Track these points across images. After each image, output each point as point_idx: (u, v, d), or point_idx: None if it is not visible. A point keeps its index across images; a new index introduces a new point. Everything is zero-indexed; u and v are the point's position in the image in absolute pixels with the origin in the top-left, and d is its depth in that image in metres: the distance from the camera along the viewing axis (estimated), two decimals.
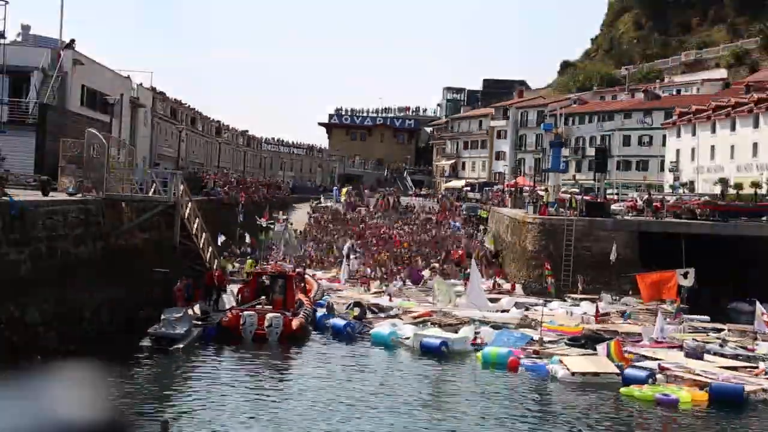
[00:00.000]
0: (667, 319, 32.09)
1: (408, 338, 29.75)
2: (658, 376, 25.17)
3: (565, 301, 39.19)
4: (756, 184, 54.72)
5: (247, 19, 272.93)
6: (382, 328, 31.20)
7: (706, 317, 36.25)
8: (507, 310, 36.22)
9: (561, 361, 26.28)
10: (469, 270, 39.76)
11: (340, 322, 31.86)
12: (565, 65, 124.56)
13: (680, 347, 28.59)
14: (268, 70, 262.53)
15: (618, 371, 25.42)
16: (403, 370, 26.57)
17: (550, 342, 29.40)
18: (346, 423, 20.13)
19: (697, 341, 28.89)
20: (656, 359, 26.83)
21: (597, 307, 35.48)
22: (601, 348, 27.10)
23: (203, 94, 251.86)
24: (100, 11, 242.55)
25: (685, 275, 33.87)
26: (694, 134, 68.35)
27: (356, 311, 33.90)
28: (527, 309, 35.97)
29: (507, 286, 43.38)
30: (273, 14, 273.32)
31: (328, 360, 27.53)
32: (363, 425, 20.10)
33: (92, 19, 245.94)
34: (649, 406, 22.93)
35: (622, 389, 24.08)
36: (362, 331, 31.43)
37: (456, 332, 30.60)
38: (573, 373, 25.31)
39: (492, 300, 37.45)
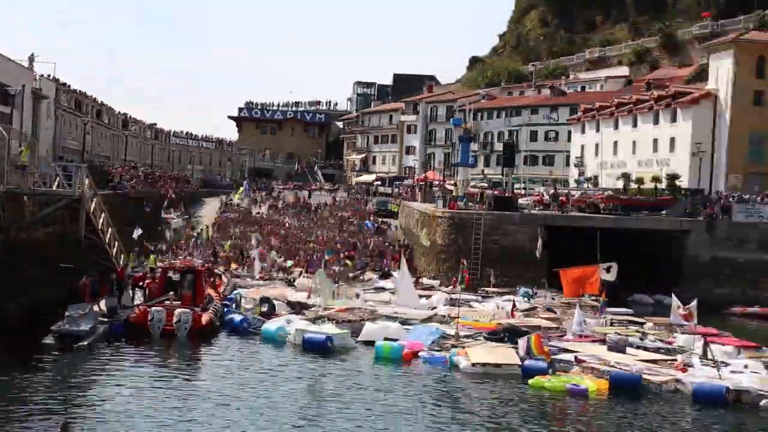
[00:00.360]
0: (585, 313, 32.38)
1: (291, 334, 29.59)
2: (575, 368, 25.63)
3: (478, 294, 39.46)
4: (656, 179, 56.44)
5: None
6: (270, 324, 30.74)
7: (630, 310, 36.97)
8: (435, 308, 35.54)
9: (466, 353, 26.52)
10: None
11: (237, 317, 31.65)
12: (474, 61, 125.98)
13: (603, 341, 29.05)
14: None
15: (519, 362, 25.81)
16: (289, 366, 26.33)
17: (466, 337, 29.47)
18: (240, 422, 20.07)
19: (620, 335, 29.38)
20: (575, 352, 27.24)
21: (513, 302, 35.67)
22: (522, 342, 27.15)
23: (203, 93, 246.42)
24: (100, 11, 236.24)
25: (608, 269, 33.79)
26: (597, 130, 70.06)
27: (264, 307, 33.63)
28: (463, 305, 35.12)
29: (431, 281, 42.98)
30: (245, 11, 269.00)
31: (225, 356, 27.31)
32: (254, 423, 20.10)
33: (92, 19, 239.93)
34: (559, 396, 23.35)
35: (531, 380, 24.39)
36: (259, 327, 30.99)
37: (359, 329, 30.35)
38: (473, 364, 25.59)
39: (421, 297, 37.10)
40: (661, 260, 44.66)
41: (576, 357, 26.58)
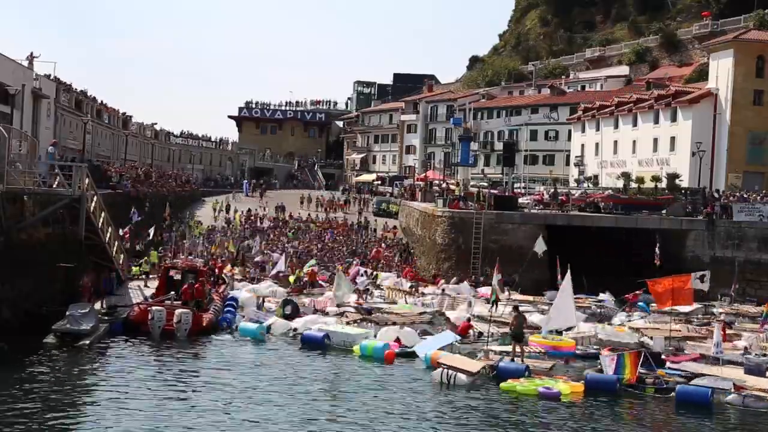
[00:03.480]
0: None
1: (293, 331, 30.38)
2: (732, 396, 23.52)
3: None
4: (656, 179, 56.53)
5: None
6: (248, 323, 31.10)
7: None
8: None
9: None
10: None
11: (230, 315, 32.27)
12: (474, 60, 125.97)
13: (695, 359, 27.08)
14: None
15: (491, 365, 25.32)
16: (280, 363, 26.68)
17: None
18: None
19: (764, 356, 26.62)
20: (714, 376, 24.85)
21: (724, 322, 31.63)
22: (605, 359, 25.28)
23: (203, 93, 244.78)
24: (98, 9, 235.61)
25: (701, 279, 31.18)
26: (598, 129, 70.11)
27: (287, 309, 33.79)
28: (603, 321, 32.86)
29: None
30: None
31: (226, 354, 27.47)
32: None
33: (91, 16, 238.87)
34: (532, 400, 22.93)
35: (503, 384, 23.92)
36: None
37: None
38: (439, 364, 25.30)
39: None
40: (661, 259, 44.64)
41: (734, 384, 24.04)
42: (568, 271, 28.94)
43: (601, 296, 40.02)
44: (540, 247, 37.11)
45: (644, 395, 23.84)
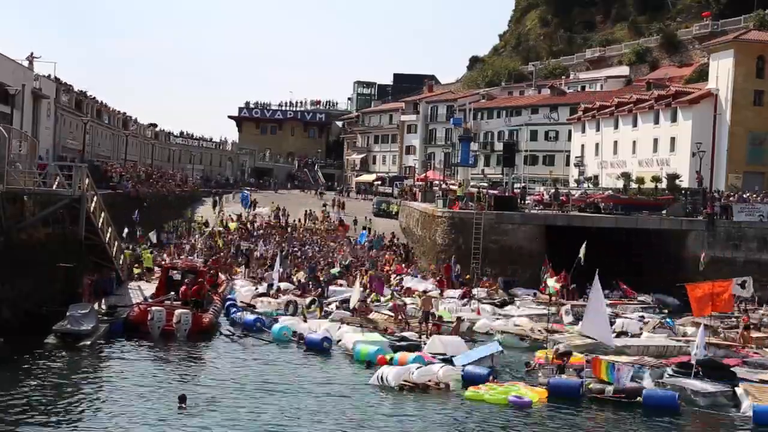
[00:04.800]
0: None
1: (297, 334, 30.04)
2: None
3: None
4: (656, 179, 56.50)
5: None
6: (276, 325, 30.98)
7: None
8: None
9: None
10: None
11: (250, 317, 32.12)
12: (474, 61, 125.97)
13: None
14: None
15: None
16: (283, 365, 26.60)
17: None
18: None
19: None
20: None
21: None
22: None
23: (203, 93, 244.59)
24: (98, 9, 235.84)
25: (742, 285, 30.34)
26: (598, 130, 70.06)
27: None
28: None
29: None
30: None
31: (226, 356, 27.44)
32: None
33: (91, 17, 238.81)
34: (502, 408, 21.99)
35: (467, 392, 23.10)
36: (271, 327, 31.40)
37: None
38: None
39: None
40: (661, 260, 44.69)
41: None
42: (596, 276, 25.87)
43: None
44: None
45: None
